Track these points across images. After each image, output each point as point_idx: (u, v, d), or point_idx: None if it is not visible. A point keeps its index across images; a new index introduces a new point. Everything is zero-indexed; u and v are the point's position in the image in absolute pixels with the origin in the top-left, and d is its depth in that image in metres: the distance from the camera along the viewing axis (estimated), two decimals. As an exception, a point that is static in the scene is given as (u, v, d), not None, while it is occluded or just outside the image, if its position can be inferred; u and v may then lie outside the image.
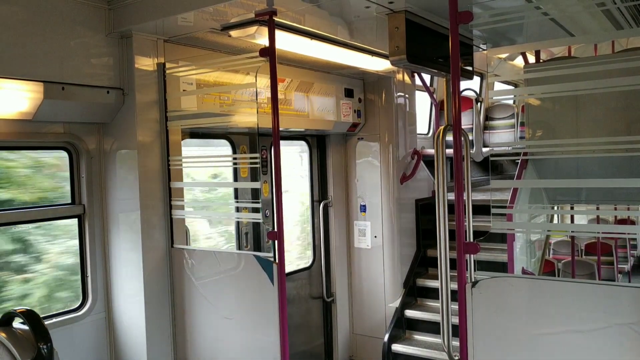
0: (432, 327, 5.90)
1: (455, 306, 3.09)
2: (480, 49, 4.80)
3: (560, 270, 7.48)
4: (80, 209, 4.10)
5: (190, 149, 4.59)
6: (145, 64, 4.04)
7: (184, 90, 4.22)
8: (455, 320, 3.19)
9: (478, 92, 8.69)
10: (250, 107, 4.39)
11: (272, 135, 3.63)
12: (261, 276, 3.69)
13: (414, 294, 6.36)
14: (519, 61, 7.61)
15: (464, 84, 7.33)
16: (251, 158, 5.10)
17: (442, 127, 4.20)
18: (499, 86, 9.31)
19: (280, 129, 3.68)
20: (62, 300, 4.14)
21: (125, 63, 4.01)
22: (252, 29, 3.85)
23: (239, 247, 5.47)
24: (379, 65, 5.46)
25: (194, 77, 4.26)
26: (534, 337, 2.81)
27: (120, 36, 3.99)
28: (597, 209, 5.54)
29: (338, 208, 6.43)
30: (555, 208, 5.27)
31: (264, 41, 3.70)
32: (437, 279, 4.22)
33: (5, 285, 3.87)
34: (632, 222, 7.43)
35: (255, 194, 5.29)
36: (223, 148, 5.32)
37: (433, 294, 6.14)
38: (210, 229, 5.45)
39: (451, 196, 3.65)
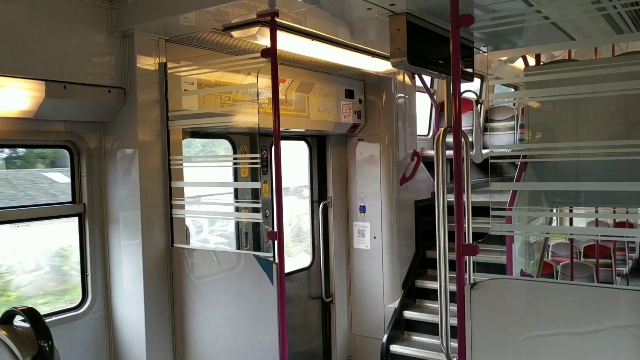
0: (430, 328, 5.91)
1: (453, 307, 3.11)
2: (481, 51, 4.81)
3: (558, 273, 7.51)
4: (80, 208, 4.11)
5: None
6: (147, 63, 4.05)
7: (185, 90, 4.23)
8: (453, 321, 3.21)
9: (478, 93, 8.70)
10: (251, 108, 4.40)
11: (273, 135, 3.64)
12: (261, 276, 3.70)
13: (412, 295, 6.38)
14: (519, 63, 7.63)
15: (464, 86, 7.34)
16: (251, 158, 5.11)
17: (442, 129, 4.22)
18: (499, 88, 9.33)
19: (281, 129, 3.69)
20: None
21: (127, 62, 4.02)
22: (254, 30, 3.86)
23: (239, 247, 5.48)
24: (379, 66, 5.47)
25: (196, 77, 4.27)
26: (531, 338, 2.83)
27: (122, 35, 4.00)
28: (596, 211, 5.57)
29: (337, 208, 6.45)
30: (555, 210, 5.28)
31: (265, 42, 3.71)
32: (436, 280, 4.24)
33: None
34: (631, 225, 7.49)
35: (255, 194, 5.30)
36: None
37: (432, 295, 6.15)
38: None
39: (451, 198, 3.67)
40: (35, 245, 4.12)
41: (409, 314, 6.16)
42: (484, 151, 7.61)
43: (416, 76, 6.63)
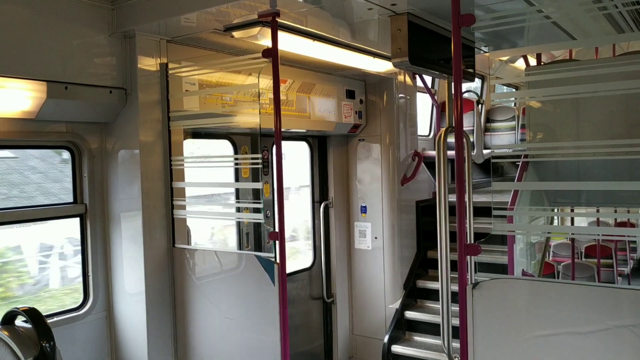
0: (432, 329, 5.91)
1: (455, 308, 3.10)
2: (482, 52, 4.82)
3: (560, 273, 7.50)
4: (82, 208, 4.11)
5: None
6: (148, 64, 4.05)
7: (186, 91, 4.23)
8: (454, 321, 3.20)
9: (479, 94, 8.70)
10: (252, 108, 4.40)
11: (274, 136, 3.64)
12: (262, 276, 3.70)
13: (414, 295, 6.37)
14: (520, 63, 7.64)
15: (465, 86, 7.36)
16: (252, 159, 5.11)
17: (443, 129, 4.23)
18: (499, 89, 9.33)
19: (282, 129, 3.69)
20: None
21: (128, 63, 4.02)
22: (255, 30, 3.86)
23: (240, 247, 5.48)
24: (380, 66, 5.47)
25: (197, 77, 4.27)
26: (534, 338, 2.82)
27: (123, 36, 4.00)
28: (597, 211, 5.56)
29: (339, 209, 6.45)
30: (556, 210, 5.28)
31: (266, 42, 3.71)
32: (437, 280, 4.24)
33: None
34: (632, 225, 7.48)
35: (257, 194, 5.30)
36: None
37: (433, 295, 6.15)
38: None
39: (452, 198, 3.67)
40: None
41: (410, 314, 6.16)
42: (485, 151, 7.62)
43: (417, 76, 6.63)
